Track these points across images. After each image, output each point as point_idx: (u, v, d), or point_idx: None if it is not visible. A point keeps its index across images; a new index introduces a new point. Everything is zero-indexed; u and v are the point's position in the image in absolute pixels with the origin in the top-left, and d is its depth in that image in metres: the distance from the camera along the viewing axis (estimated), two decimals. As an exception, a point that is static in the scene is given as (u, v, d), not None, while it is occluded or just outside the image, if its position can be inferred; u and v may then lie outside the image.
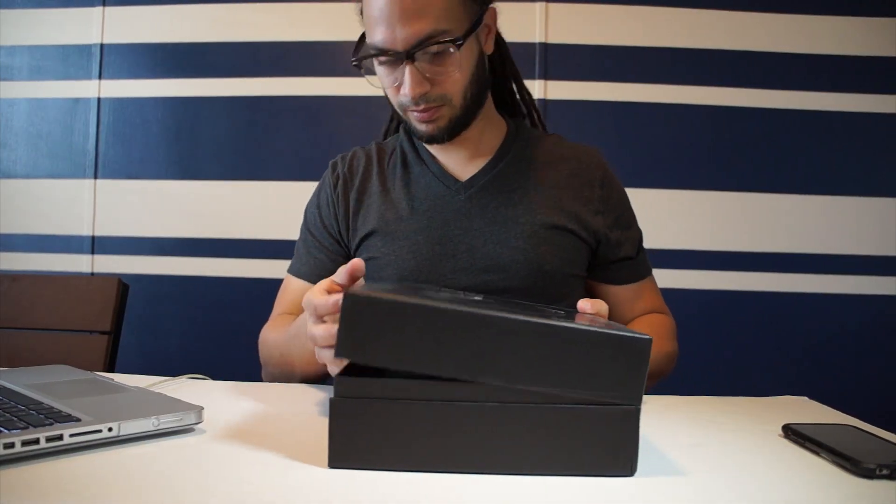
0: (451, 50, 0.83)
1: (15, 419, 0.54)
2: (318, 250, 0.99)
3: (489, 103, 0.96)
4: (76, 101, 1.96)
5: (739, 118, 1.86)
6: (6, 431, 0.50)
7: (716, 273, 1.85)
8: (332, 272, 0.95)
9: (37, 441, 0.50)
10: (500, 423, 0.50)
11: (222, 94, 1.93)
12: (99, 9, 1.95)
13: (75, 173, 1.95)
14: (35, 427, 0.52)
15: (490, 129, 0.98)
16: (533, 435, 0.50)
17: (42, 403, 0.60)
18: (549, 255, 0.91)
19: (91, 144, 1.95)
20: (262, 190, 1.91)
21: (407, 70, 0.83)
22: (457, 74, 0.86)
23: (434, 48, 0.82)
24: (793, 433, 0.61)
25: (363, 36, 0.89)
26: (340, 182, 0.99)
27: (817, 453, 0.56)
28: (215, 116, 1.93)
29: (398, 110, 0.92)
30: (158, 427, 0.57)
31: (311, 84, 1.91)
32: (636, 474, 0.51)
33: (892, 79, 1.86)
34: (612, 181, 0.99)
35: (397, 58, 0.83)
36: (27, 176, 1.97)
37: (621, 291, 0.99)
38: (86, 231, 1.94)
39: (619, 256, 0.97)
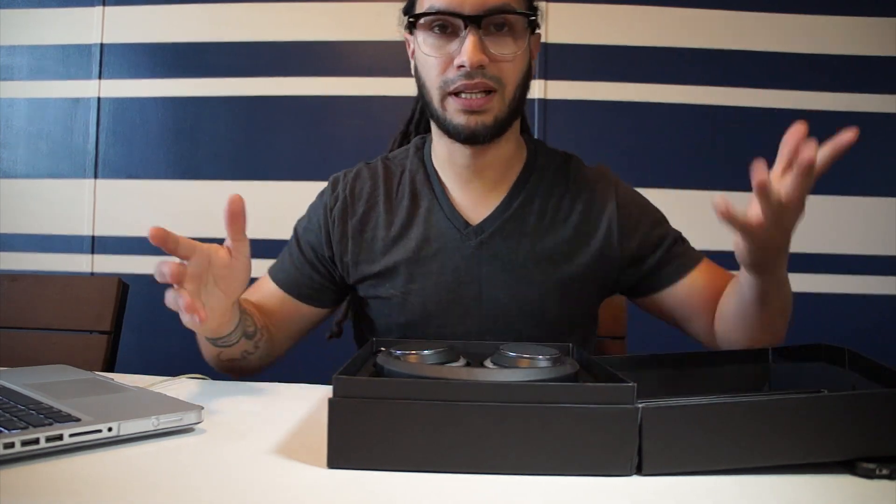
0: (518, 30, 0.80)
1: (15, 419, 0.54)
2: (299, 266, 0.95)
3: (517, 123, 0.91)
4: (76, 101, 1.96)
5: (739, 118, 1.86)
6: (6, 431, 0.50)
7: (716, 273, 1.85)
8: (310, 289, 0.95)
9: (37, 441, 0.50)
10: (499, 423, 0.50)
11: (222, 94, 1.93)
12: (99, 9, 1.95)
13: (75, 173, 1.95)
14: (35, 427, 0.52)
15: (515, 155, 0.92)
16: (533, 435, 0.50)
17: (42, 403, 0.60)
18: (556, 306, 0.89)
19: (91, 144, 1.95)
20: (262, 190, 1.91)
21: (470, 35, 0.77)
22: (516, 60, 0.81)
23: (502, 19, 0.79)
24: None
25: (408, 6, 0.86)
26: (339, 206, 0.93)
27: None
28: (215, 116, 1.93)
29: (435, 94, 0.83)
30: (158, 427, 0.57)
31: (311, 84, 1.91)
32: (636, 474, 0.51)
33: (892, 79, 1.86)
34: (625, 196, 0.93)
35: (464, 22, 0.78)
36: (27, 176, 1.97)
37: (687, 285, 0.90)
38: (86, 231, 1.94)
39: (662, 257, 0.90)
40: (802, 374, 0.68)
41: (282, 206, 1.96)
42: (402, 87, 1.85)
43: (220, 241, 0.80)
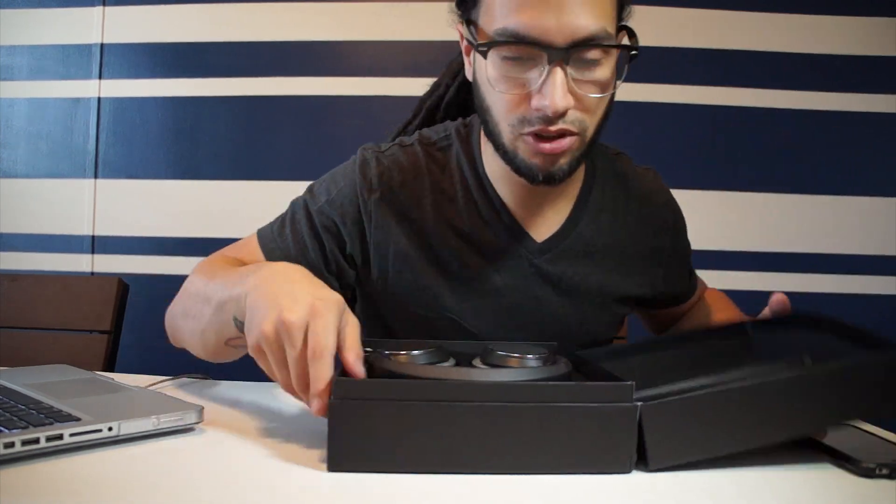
0: (610, 63, 0.67)
1: (15, 419, 0.54)
2: (310, 250, 0.78)
3: None
4: (76, 101, 1.96)
5: (740, 118, 1.86)
6: (6, 431, 0.50)
7: (715, 273, 1.84)
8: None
9: (37, 440, 0.50)
10: (499, 423, 0.50)
11: (222, 94, 1.92)
12: (99, 9, 1.95)
13: (75, 173, 1.95)
14: (35, 426, 0.52)
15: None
16: (532, 434, 0.50)
17: (42, 403, 0.60)
18: (605, 327, 0.87)
19: (91, 144, 1.95)
20: (262, 190, 1.91)
21: (554, 74, 0.64)
22: (603, 98, 0.69)
23: (597, 53, 0.66)
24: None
25: (465, 6, 0.71)
26: (376, 198, 0.77)
27: (817, 453, 0.56)
28: (215, 116, 1.93)
29: (505, 128, 0.70)
30: (158, 427, 0.57)
31: (311, 84, 1.91)
32: (640, 470, 0.51)
33: (892, 79, 1.86)
34: (681, 229, 0.92)
35: (548, 55, 0.64)
36: (27, 176, 1.96)
37: (685, 306, 1.00)
38: (86, 231, 1.94)
39: (681, 290, 0.96)
40: (783, 342, 0.69)
41: (282, 206, 1.96)
42: (403, 87, 1.85)
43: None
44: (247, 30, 1.92)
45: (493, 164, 0.79)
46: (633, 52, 0.68)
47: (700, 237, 1.04)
